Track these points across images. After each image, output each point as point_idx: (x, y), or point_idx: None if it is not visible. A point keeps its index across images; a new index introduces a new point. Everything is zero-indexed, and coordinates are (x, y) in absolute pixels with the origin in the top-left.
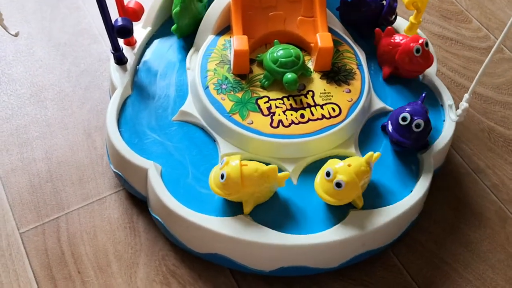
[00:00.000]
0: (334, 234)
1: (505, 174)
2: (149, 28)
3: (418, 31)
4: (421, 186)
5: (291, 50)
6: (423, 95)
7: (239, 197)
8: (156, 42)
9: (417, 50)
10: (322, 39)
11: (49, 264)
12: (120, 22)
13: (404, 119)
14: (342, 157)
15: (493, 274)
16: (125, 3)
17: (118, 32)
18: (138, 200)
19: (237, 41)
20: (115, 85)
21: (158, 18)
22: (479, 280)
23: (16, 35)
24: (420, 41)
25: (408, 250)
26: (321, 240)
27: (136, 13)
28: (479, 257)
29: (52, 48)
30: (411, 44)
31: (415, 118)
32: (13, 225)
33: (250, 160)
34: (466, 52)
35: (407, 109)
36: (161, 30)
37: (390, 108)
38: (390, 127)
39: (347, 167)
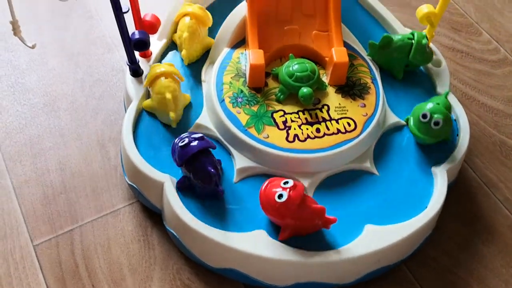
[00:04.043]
0: (350, 250)
1: None
2: (164, 40)
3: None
4: (436, 202)
5: (307, 65)
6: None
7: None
8: (171, 54)
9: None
10: (337, 54)
11: (63, 277)
12: (137, 36)
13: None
14: (357, 172)
15: None
16: (142, 16)
17: (136, 45)
18: (152, 213)
19: (253, 55)
20: (131, 97)
21: (173, 31)
22: None
23: (33, 47)
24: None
25: (422, 265)
26: (337, 257)
27: (153, 26)
28: (493, 272)
29: (66, 57)
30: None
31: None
32: (26, 237)
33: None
34: (476, 65)
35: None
36: None
37: (404, 123)
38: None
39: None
